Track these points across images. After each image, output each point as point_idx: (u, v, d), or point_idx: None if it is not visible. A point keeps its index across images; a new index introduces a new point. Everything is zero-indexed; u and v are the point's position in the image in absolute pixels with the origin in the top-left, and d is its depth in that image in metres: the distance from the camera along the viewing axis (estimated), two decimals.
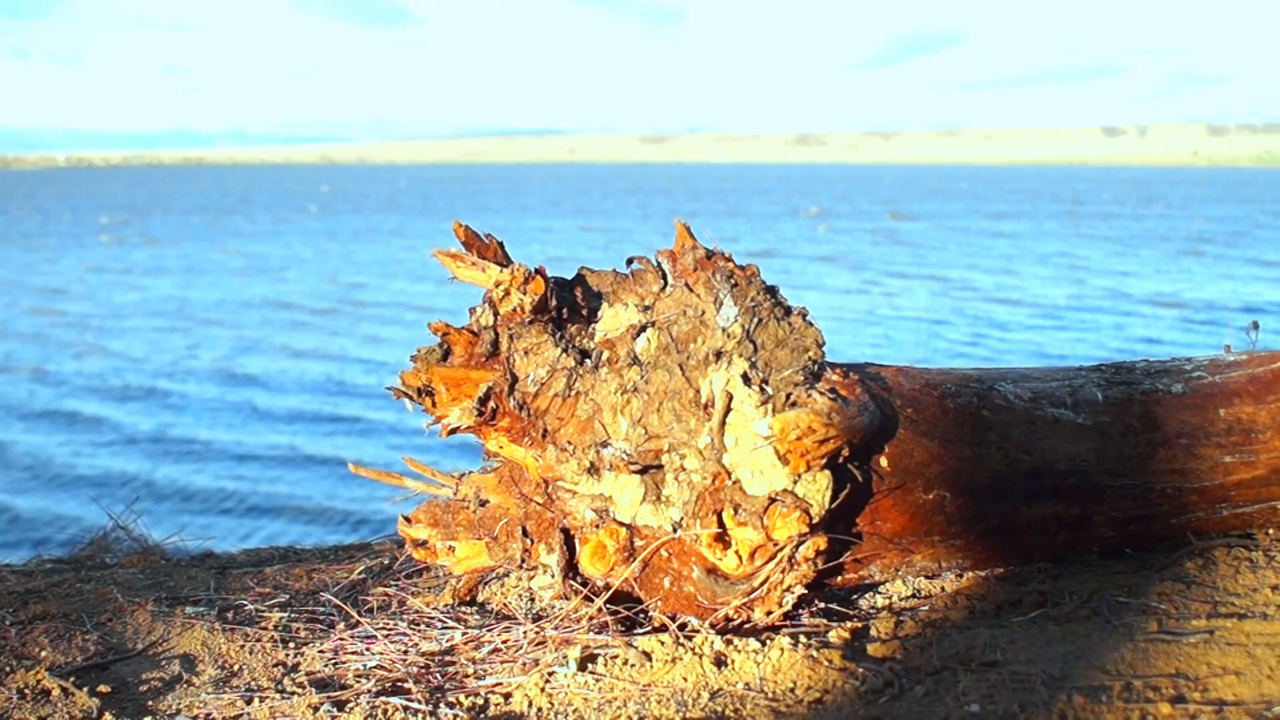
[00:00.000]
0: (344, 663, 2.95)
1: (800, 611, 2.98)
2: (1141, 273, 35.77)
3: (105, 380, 20.91)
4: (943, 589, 3.15)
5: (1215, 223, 61.72)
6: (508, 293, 2.90)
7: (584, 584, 2.97)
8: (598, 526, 2.90)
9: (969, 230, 57.02)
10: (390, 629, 3.11)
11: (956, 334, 24.64)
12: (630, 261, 3.05)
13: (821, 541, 2.79)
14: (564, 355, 2.92)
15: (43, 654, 3.09)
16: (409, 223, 63.56)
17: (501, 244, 2.98)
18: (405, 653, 2.96)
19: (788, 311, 2.91)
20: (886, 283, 33.72)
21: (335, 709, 2.66)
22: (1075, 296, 29.93)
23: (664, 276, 2.98)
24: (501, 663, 2.87)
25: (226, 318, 28.27)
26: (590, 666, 2.76)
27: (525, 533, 3.04)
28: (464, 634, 3.04)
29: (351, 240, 51.57)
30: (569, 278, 3.04)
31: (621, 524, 2.89)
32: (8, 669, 2.98)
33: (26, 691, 2.84)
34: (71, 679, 2.90)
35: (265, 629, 3.19)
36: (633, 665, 2.73)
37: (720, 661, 2.71)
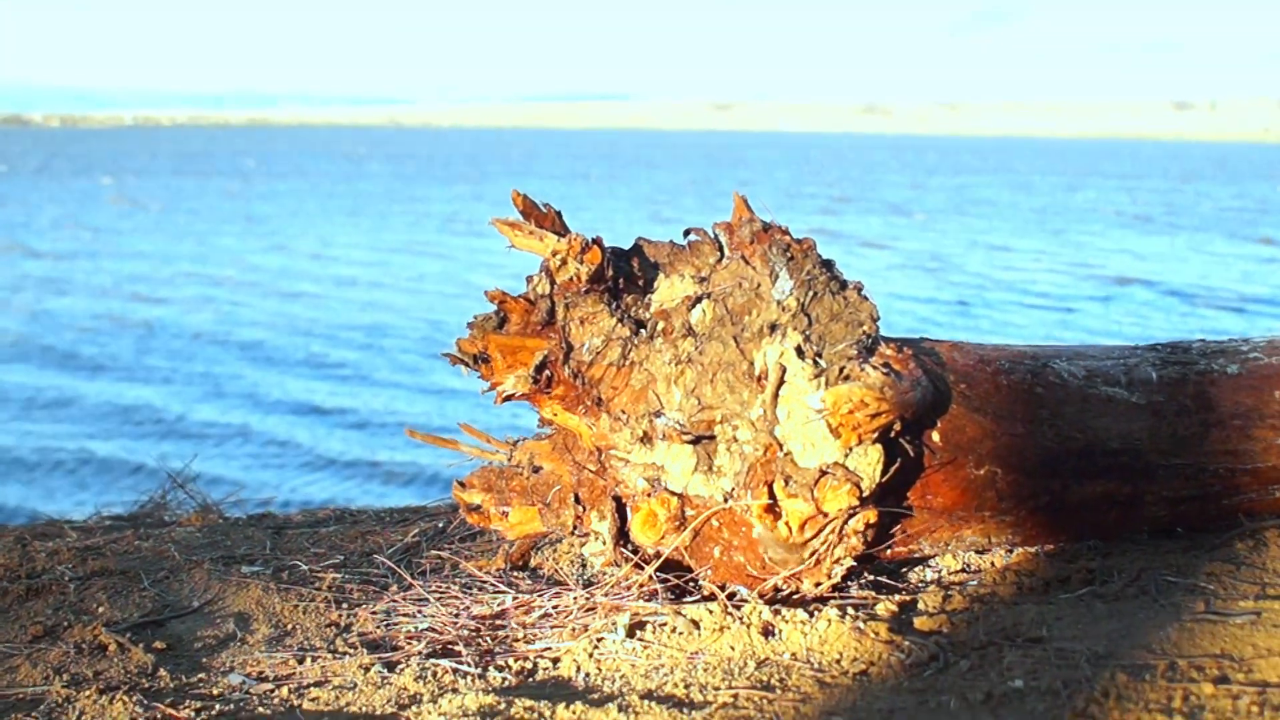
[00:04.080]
0: (396, 624, 2.99)
1: (849, 584, 3.00)
2: (1197, 256, 34.34)
3: (153, 333, 21.12)
4: (992, 564, 3.15)
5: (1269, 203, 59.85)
6: (565, 262, 2.92)
7: (635, 552, 3.00)
8: (649, 495, 2.93)
9: (988, 202, 55.85)
10: (443, 592, 3.15)
11: (933, 311, 23.71)
12: (687, 233, 3.06)
13: (872, 515, 2.80)
14: (619, 325, 2.93)
15: (100, 610, 3.15)
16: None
17: (559, 213, 3.00)
18: (457, 616, 3.00)
19: (843, 285, 2.91)
20: (866, 254, 32.57)
21: (386, 669, 2.71)
22: (1100, 280, 28.49)
23: (720, 248, 2.99)
24: (551, 628, 2.90)
25: (287, 274, 28.46)
26: (639, 633, 2.78)
27: (578, 500, 3.06)
28: (515, 598, 3.07)
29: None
30: (626, 248, 3.06)
31: (673, 493, 2.91)
32: (66, 624, 3.04)
33: (84, 646, 2.90)
34: (128, 634, 2.96)
35: (319, 590, 3.24)
36: (681, 633, 2.76)
37: (768, 631, 2.73)
